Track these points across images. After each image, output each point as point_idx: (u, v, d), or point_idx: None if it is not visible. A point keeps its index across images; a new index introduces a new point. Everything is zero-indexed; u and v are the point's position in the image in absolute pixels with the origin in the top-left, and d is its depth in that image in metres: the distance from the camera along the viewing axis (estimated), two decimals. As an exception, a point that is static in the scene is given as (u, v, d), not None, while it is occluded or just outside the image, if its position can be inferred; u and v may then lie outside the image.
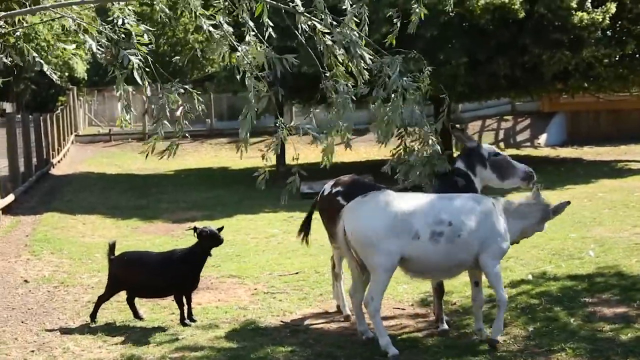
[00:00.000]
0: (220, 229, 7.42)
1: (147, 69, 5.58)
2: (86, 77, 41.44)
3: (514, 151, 26.45)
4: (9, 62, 5.88)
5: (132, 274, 7.41)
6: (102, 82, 44.89)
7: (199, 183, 21.06)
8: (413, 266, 6.20)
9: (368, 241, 6.09)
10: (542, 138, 28.47)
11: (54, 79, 5.44)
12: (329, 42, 6.18)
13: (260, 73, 5.89)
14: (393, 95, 6.16)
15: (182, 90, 5.76)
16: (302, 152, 6.09)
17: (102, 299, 7.50)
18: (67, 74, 39.60)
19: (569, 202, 6.51)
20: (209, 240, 7.34)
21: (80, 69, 37.90)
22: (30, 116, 20.91)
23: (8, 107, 33.96)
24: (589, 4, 18.31)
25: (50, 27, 26.08)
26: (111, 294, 7.53)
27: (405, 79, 6.17)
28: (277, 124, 5.96)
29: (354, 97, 6.19)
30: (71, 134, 33.40)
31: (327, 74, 6.24)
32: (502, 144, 28.83)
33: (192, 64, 34.79)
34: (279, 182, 6.63)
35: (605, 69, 18.84)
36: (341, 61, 6.21)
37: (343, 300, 7.45)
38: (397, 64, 6.22)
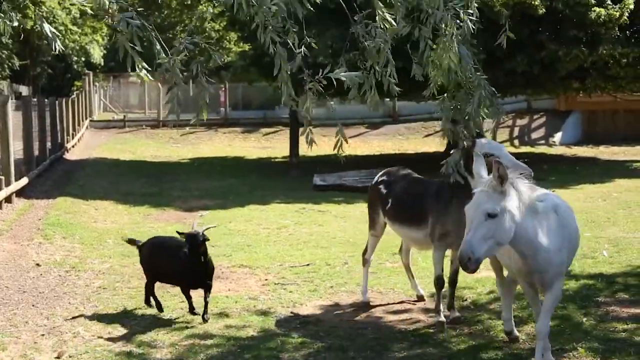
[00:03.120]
0: (206, 229, 6.98)
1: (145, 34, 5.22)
2: (102, 63, 41.61)
3: (528, 149, 26.31)
4: (17, 24, 5.63)
5: (156, 259, 7.33)
6: (118, 68, 45.12)
7: (212, 172, 21.06)
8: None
9: None
10: (557, 136, 28.30)
11: (58, 47, 5.16)
12: None
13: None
14: (441, 34, 5.42)
15: (191, 46, 5.27)
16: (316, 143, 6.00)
17: (147, 285, 7.38)
18: (83, 59, 39.81)
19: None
20: (190, 242, 6.78)
21: (97, 54, 38.06)
22: (45, 100, 20.97)
23: (24, 90, 34.16)
24: (609, 1, 18.15)
25: (68, 12, 26.15)
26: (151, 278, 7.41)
27: (451, 12, 5.40)
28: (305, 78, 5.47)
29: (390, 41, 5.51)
30: (86, 119, 33.48)
31: (356, 17, 5.61)
32: (516, 142, 28.69)
33: (208, 52, 34.64)
34: (291, 173, 6.61)
35: (623, 69, 18.68)
36: None
37: (366, 286, 7.65)
38: None
